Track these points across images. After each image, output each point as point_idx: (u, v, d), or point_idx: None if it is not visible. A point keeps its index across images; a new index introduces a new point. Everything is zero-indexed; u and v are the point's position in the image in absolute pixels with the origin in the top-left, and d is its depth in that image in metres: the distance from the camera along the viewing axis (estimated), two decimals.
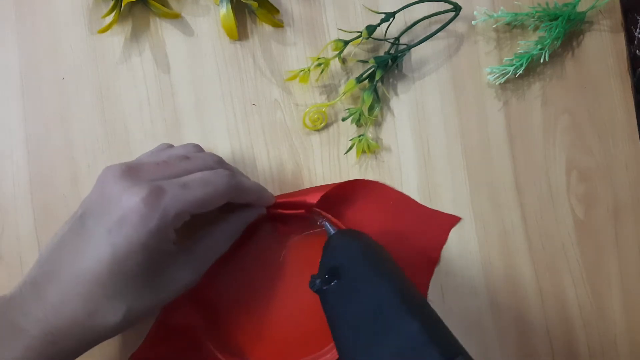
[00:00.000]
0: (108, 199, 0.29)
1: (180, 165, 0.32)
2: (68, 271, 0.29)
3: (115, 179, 0.30)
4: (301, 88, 0.41)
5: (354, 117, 0.40)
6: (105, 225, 0.29)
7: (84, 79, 0.41)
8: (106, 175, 0.30)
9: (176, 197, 0.30)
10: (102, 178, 0.30)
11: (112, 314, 0.29)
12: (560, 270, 0.41)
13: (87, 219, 0.30)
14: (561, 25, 0.40)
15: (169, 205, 0.29)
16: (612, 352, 0.41)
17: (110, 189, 0.30)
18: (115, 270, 0.29)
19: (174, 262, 0.32)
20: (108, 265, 0.28)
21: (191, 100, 0.41)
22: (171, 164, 0.32)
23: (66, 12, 0.42)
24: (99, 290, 0.29)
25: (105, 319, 0.29)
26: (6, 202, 0.41)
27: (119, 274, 0.29)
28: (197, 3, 0.42)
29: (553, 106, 0.42)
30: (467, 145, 0.42)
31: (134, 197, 0.29)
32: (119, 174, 0.30)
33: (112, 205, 0.29)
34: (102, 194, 0.30)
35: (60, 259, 0.30)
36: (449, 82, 0.42)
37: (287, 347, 0.39)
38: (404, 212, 0.41)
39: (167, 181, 0.30)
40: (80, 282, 0.29)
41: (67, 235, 0.30)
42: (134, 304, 0.30)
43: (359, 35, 0.40)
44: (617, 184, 0.42)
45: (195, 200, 0.30)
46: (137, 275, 0.29)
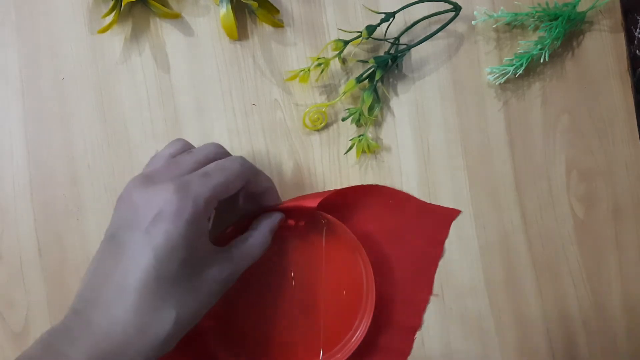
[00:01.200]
0: (137, 206, 0.30)
1: (189, 160, 0.33)
2: (111, 290, 0.29)
3: (139, 188, 0.30)
4: (301, 88, 0.41)
5: (354, 117, 0.40)
6: (142, 230, 0.29)
7: (84, 79, 0.41)
8: (129, 188, 0.31)
9: (201, 185, 0.30)
10: (125, 193, 0.31)
11: (163, 324, 0.29)
12: (560, 270, 0.41)
13: (120, 234, 0.30)
14: (561, 25, 0.40)
15: (198, 194, 0.30)
16: (612, 352, 0.41)
17: (138, 197, 0.30)
18: (160, 275, 0.28)
19: (212, 262, 0.31)
20: (153, 270, 0.28)
21: (191, 100, 0.41)
22: (180, 162, 0.33)
23: (66, 12, 0.42)
24: (147, 301, 0.28)
25: (157, 331, 0.29)
26: (6, 202, 0.41)
27: (165, 279, 0.29)
28: (197, 3, 0.42)
29: (553, 106, 0.42)
30: (467, 145, 0.42)
31: (164, 193, 0.29)
32: (140, 182, 0.31)
33: (144, 209, 0.29)
34: (130, 205, 0.30)
35: (101, 282, 0.29)
36: (449, 82, 0.42)
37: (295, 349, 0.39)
38: (404, 209, 0.41)
39: (188, 175, 0.31)
40: (126, 297, 0.28)
41: (103, 258, 0.30)
42: (182, 310, 0.29)
43: (359, 35, 0.40)
44: (617, 184, 0.42)
45: (219, 185, 0.31)
46: (181, 277, 0.29)
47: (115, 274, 0.29)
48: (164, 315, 0.29)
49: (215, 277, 0.31)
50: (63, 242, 0.40)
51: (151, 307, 0.28)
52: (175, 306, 0.29)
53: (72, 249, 0.40)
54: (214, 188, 0.31)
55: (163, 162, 0.33)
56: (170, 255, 0.29)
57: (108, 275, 0.29)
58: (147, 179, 0.31)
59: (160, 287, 0.29)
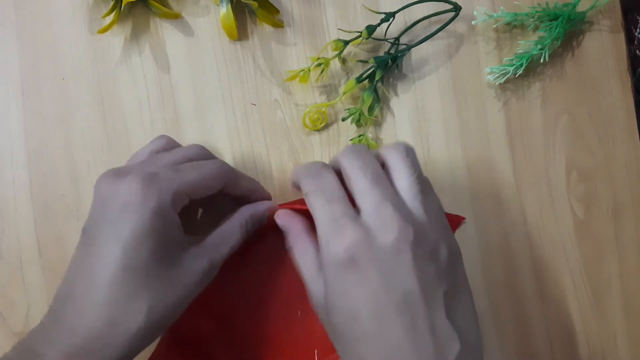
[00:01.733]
0: (105, 199, 0.30)
1: (167, 157, 0.33)
2: (82, 286, 0.29)
3: (108, 181, 0.30)
4: (301, 88, 0.41)
5: (354, 117, 0.40)
6: (109, 223, 0.29)
7: (84, 79, 0.41)
8: (98, 181, 0.31)
9: (170, 178, 0.30)
10: (96, 187, 0.31)
11: (134, 317, 0.28)
12: (560, 270, 0.41)
13: (90, 229, 0.30)
14: (561, 25, 0.40)
15: (165, 185, 0.29)
16: (612, 352, 0.41)
17: (106, 190, 0.30)
18: (128, 266, 0.28)
19: (186, 252, 0.31)
20: (120, 261, 0.28)
21: (191, 100, 0.41)
22: (157, 158, 0.33)
23: (66, 12, 0.42)
24: (116, 294, 0.28)
25: (127, 324, 0.28)
26: (6, 202, 0.41)
27: (133, 269, 0.28)
28: (197, 3, 0.42)
29: (553, 106, 0.42)
30: (467, 145, 0.42)
31: (130, 184, 0.29)
32: (109, 176, 0.30)
33: (111, 201, 0.29)
34: (98, 198, 0.30)
35: (73, 279, 0.30)
36: (449, 82, 0.42)
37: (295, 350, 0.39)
38: None
39: (158, 168, 0.31)
40: (95, 291, 0.28)
41: (76, 256, 0.30)
42: (155, 302, 0.29)
43: (359, 35, 0.40)
44: (617, 184, 0.42)
45: (190, 181, 0.31)
46: (152, 268, 0.29)
47: (85, 269, 0.29)
48: (135, 307, 0.28)
49: (192, 268, 0.31)
50: (63, 242, 0.40)
51: (121, 300, 0.28)
52: (148, 298, 0.28)
53: (72, 249, 0.40)
54: (183, 183, 0.30)
55: (142, 158, 0.33)
56: (138, 246, 0.28)
57: (79, 271, 0.29)
58: (117, 172, 0.31)
59: (129, 279, 0.28)
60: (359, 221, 0.28)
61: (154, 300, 0.29)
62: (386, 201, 0.28)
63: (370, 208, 0.29)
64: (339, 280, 0.28)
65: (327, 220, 0.29)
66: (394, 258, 0.27)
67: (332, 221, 0.29)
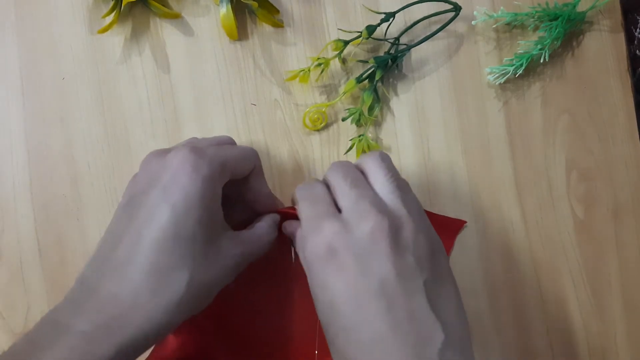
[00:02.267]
0: (153, 171, 0.30)
1: (203, 140, 0.34)
2: (124, 251, 0.28)
3: (156, 156, 0.31)
4: (301, 88, 0.41)
5: (354, 117, 0.40)
6: (160, 189, 0.28)
7: (84, 79, 0.41)
8: (147, 158, 0.31)
9: (216, 151, 0.31)
10: (142, 164, 0.31)
11: (176, 285, 0.27)
12: (560, 270, 0.41)
13: (136, 198, 0.29)
14: (561, 25, 0.40)
15: (214, 155, 0.30)
16: (612, 352, 0.41)
17: (155, 163, 0.30)
18: (177, 233, 0.28)
19: (224, 235, 0.31)
20: (170, 226, 0.28)
21: (191, 100, 0.41)
22: (194, 140, 0.34)
23: (66, 12, 0.42)
24: (163, 260, 0.27)
25: (170, 293, 0.27)
26: (6, 202, 0.41)
27: (181, 237, 0.28)
28: (197, 3, 0.42)
29: (553, 106, 0.42)
30: (467, 145, 0.42)
31: (180, 154, 0.29)
32: (156, 152, 0.31)
33: (161, 171, 0.29)
34: (146, 171, 0.30)
35: (112, 245, 0.29)
36: (449, 82, 0.42)
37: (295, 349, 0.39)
38: None
39: (202, 145, 0.32)
40: (140, 256, 0.27)
41: (116, 225, 0.30)
42: (196, 273, 0.28)
43: (359, 36, 0.40)
44: (617, 184, 0.42)
45: (233, 156, 0.32)
46: (197, 238, 0.28)
47: (129, 235, 0.28)
48: (179, 276, 0.28)
49: (230, 250, 0.31)
50: (63, 242, 0.40)
51: (166, 267, 0.27)
52: (190, 268, 0.28)
53: (72, 249, 0.40)
54: (228, 156, 0.31)
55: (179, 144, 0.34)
56: (188, 212, 0.28)
57: (121, 238, 0.28)
58: (163, 150, 0.31)
59: (176, 245, 0.28)
60: (338, 217, 0.29)
61: (195, 272, 0.28)
62: (363, 198, 0.29)
63: (349, 205, 0.30)
64: (318, 272, 0.29)
65: (310, 218, 0.30)
66: (370, 247, 0.28)
67: (313, 218, 0.30)
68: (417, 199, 0.32)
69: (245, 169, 0.33)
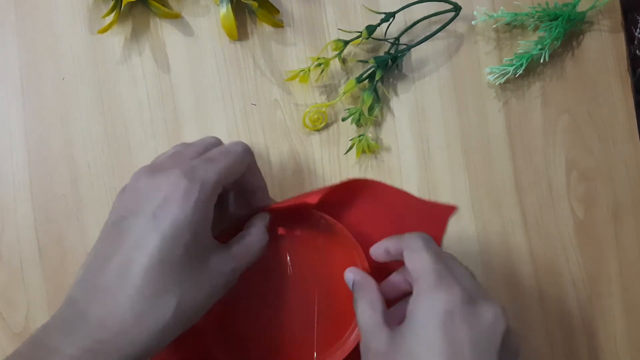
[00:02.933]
0: (143, 193, 0.29)
1: (190, 149, 0.33)
2: (112, 276, 0.28)
3: (146, 176, 0.30)
4: (301, 88, 0.41)
5: (354, 117, 0.40)
6: (148, 214, 0.28)
7: (84, 79, 0.41)
8: (135, 177, 0.31)
9: (207, 169, 0.30)
10: (131, 182, 0.31)
11: (163, 311, 0.28)
12: (560, 270, 0.41)
13: (125, 220, 0.29)
14: (561, 25, 0.40)
15: (205, 177, 0.30)
16: (612, 352, 0.41)
17: (144, 184, 0.30)
18: (164, 259, 0.28)
19: (214, 253, 0.31)
20: (158, 253, 0.28)
21: (191, 100, 0.41)
22: (182, 152, 0.33)
23: (66, 12, 0.42)
24: (149, 287, 0.27)
25: (156, 319, 0.28)
26: (6, 202, 0.41)
27: (169, 264, 0.28)
28: (197, 3, 0.42)
29: (553, 106, 0.42)
30: (467, 145, 0.42)
31: (171, 177, 0.29)
32: (146, 171, 0.31)
33: (151, 194, 0.29)
34: (135, 192, 0.30)
35: (100, 269, 0.29)
36: (449, 82, 0.42)
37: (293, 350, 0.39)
38: (401, 207, 0.41)
39: (193, 160, 0.31)
40: (128, 282, 0.27)
41: (104, 245, 0.30)
42: (184, 299, 0.28)
43: (359, 36, 0.40)
44: (617, 184, 0.42)
45: (224, 168, 0.31)
46: (185, 264, 0.28)
47: (117, 259, 0.28)
48: (165, 302, 0.28)
49: (219, 268, 0.31)
50: (63, 242, 0.40)
51: (152, 294, 0.27)
52: (177, 294, 0.28)
53: (72, 249, 0.40)
54: (219, 172, 0.31)
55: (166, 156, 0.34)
56: (176, 240, 0.28)
57: (109, 261, 0.28)
58: (152, 168, 0.31)
59: (163, 272, 0.28)
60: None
61: (184, 297, 0.28)
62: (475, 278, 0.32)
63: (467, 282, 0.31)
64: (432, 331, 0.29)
65: (436, 273, 0.30)
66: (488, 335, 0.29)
67: (440, 275, 0.30)
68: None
69: (239, 173, 0.33)
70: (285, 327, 0.39)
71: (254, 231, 0.34)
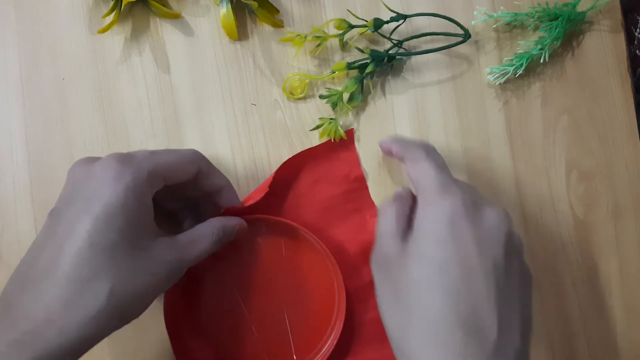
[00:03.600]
0: (77, 180, 0.29)
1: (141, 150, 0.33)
2: (42, 265, 0.27)
3: (81, 164, 0.30)
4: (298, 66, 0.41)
5: (332, 98, 0.40)
6: (80, 199, 0.28)
7: (84, 79, 0.41)
8: (72, 167, 0.31)
9: (146, 158, 0.30)
10: (69, 173, 0.31)
11: (94, 298, 0.27)
12: (560, 270, 0.41)
13: (58, 210, 0.29)
14: (561, 25, 0.40)
15: (141, 164, 0.30)
16: (612, 352, 0.41)
17: (79, 172, 0.30)
18: (95, 243, 0.27)
19: (156, 241, 0.30)
20: (88, 237, 0.27)
21: (191, 100, 0.41)
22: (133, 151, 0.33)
23: (66, 12, 0.42)
24: (78, 272, 0.26)
25: (86, 306, 0.26)
26: (6, 202, 0.41)
27: (100, 247, 0.27)
28: (197, 3, 0.42)
29: (553, 106, 0.42)
30: (467, 145, 0.42)
31: (104, 163, 0.29)
32: (84, 160, 0.31)
33: (84, 180, 0.29)
34: (71, 182, 0.30)
35: (32, 261, 0.28)
36: (449, 82, 0.42)
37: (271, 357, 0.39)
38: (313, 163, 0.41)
39: (134, 151, 0.31)
40: (56, 270, 0.27)
41: (39, 238, 0.29)
42: (118, 284, 0.27)
43: (365, 25, 0.39)
44: (617, 184, 0.42)
45: (165, 162, 0.31)
46: (119, 247, 0.28)
47: (48, 249, 0.28)
48: (96, 288, 0.27)
49: (160, 256, 0.30)
50: None
51: (82, 279, 0.26)
52: (110, 279, 0.27)
53: None
54: (157, 163, 0.31)
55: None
56: (108, 223, 0.27)
57: (41, 252, 0.28)
58: (91, 158, 0.31)
59: (94, 256, 0.27)
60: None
61: (118, 282, 0.27)
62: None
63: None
64: (439, 232, 0.30)
65: (439, 183, 0.31)
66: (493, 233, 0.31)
67: (443, 184, 0.31)
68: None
69: (186, 173, 0.33)
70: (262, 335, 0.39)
71: (205, 225, 0.34)
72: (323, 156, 0.40)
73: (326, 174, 0.40)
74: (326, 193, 0.40)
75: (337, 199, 0.40)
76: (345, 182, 0.40)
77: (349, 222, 0.40)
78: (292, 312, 0.39)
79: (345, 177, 0.40)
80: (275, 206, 0.40)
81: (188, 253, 0.32)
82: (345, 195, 0.40)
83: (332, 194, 0.40)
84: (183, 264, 0.32)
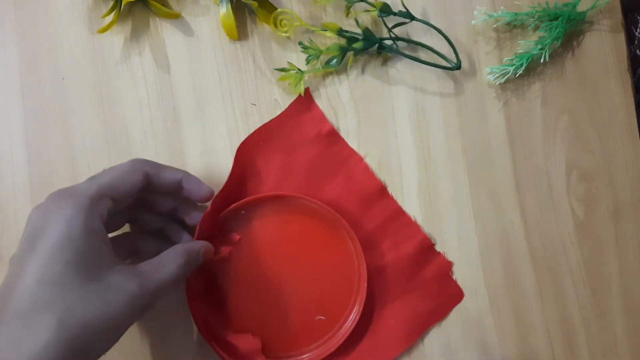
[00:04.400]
0: (29, 224, 0.30)
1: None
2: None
3: (35, 209, 0.31)
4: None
5: (309, 51, 0.39)
6: (29, 240, 0.29)
7: (84, 79, 0.41)
8: (30, 213, 0.31)
9: (86, 185, 0.31)
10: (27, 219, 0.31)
11: (40, 333, 0.26)
12: (560, 270, 0.41)
13: (15, 255, 0.30)
14: (561, 25, 0.40)
15: (81, 192, 0.30)
16: (612, 352, 0.41)
17: (32, 217, 0.30)
18: (41, 278, 0.27)
19: (113, 269, 0.30)
20: (33, 275, 0.27)
21: (191, 100, 0.41)
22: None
23: (66, 12, 0.42)
24: (25, 308, 0.27)
25: (34, 341, 0.26)
26: (6, 202, 0.41)
27: (47, 282, 0.27)
28: (197, 3, 0.42)
29: (553, 106, 0.42)
30: (467, 145, 0.42)
31: (47, 200, 0.30)
32: (38, 205, 0.31)
33: (34, 222, 0.30)
34: (26, 226, 0.30)
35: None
36: (449, 81, 0.42)
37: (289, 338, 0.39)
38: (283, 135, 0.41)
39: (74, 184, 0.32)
40: (7, 311, 0.27)
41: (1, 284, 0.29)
42: (67, 316, 0.27)
43: (372, 5, 0.40)
44: (617, 184, 0.42)
45: (105, 182, 0.32)
46: (68, 279, 0.28)
47: (3, 291, 0.28)
48: (43, 322, 0.26)
49: (118, 285, 0.29)
50: None
51: (28, 314, 0.27)
52: (58, 311, 0.27)
53: None
54: (101, 185, 0.31)
55: None
56: (54, 257, 0.28)
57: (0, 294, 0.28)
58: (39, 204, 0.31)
59: (41, 291, 0.27)
60: None
61: (66, 313, 0.27)
62: None
63: None
64: None
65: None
66: None
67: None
68: None
69: (132, 182, 0.33)
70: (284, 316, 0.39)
71: (169, 251, 0.34)
72: (289, 125, 0.41)
73: (299, 140, 0.41)
74: (306, 157, 0.41)
75: (319, 159, 0.41)
76: (319, 140, 0.41)
77: (339, 176, 0.41)
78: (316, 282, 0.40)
79: (318, 136, 0.41)
80: (263, 186, 0.40)
81: (150, 279, 0.31)
82: (324, 152, 0.41)
83: (313, 156, 0.41)
84: (146, 290, 0.31)
